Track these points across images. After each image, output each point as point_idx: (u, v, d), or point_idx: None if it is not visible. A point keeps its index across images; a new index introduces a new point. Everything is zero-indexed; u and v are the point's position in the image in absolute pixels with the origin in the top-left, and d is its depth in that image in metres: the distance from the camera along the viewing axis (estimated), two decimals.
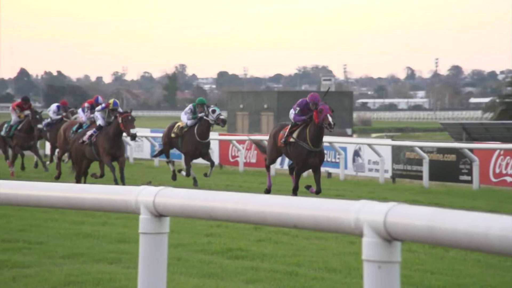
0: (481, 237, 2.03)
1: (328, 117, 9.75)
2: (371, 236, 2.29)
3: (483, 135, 24.01)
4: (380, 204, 2.33)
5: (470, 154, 13.64)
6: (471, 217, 2.10)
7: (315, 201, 2.56)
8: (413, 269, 5.36)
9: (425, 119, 69.40)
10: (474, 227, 2.06)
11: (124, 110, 11.70)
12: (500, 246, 1.99)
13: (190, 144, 12.15)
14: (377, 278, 2.26)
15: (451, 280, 5.00)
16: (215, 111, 12.05)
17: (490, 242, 2.01)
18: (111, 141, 11.49)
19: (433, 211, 2.22)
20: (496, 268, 5.45)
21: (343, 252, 6.12)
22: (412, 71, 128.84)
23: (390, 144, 15.55)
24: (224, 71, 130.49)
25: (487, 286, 4.83)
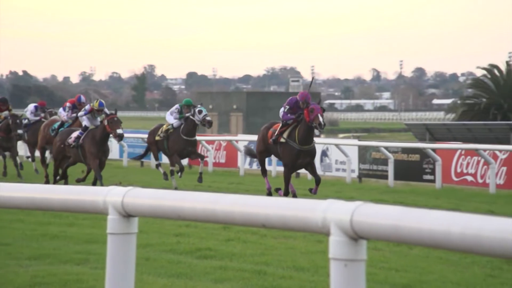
0: (443, 235, 2.06)
1: (319, 117, 9.46)
2: (338, 235, 2.31)
3: (445, 135, 24.42)
4: (347, 203, 2.34)
5: (433, 154, 13.86)
6: (434, 215, 2.13)
7: (283, 200, 2.56)
8: (378, 267, 5.41)
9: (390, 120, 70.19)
10: (436, 226, 2.09)
11: (110, 112, 11.47)
12: (461, 243, 2.02)
13: (176, 143, 11.96)
14: (343, 276, 2.28)
15: (414, 277, 5.06)
16: (201, 112, 11.86)
17: (451, 240, 2.04)
18: (98, 144, 11.27)
19: (398, 210, 2.24)
20: (457, 265, 5.55)
21: (310, 251, 6.15)
22: (378, 72, 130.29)
23: (356, 144, 15.69)
24: (193, 72, 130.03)
25: (448, 282, 4.90)
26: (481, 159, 13.43)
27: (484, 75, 36.65)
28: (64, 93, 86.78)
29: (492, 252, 1.96)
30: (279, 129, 9.97)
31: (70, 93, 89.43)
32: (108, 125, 11.22)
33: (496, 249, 1.94)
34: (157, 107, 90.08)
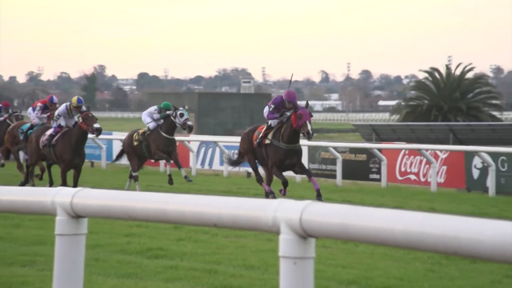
0: (388, 233, 2.09)
1: (307, 125, 9.04)
2: (288, 233, 2.32)
3: (390, 136, 24.92)
4: (296, 202, 2.35)
5: (379, 154, 14.13)
6: (379, 214, 2.16)
7: (235, 200, 2.56)
8: (326, 264, 5.47)
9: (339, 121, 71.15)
10: (381, 224, 2.12)
11: (84, 110, 10.78)
12: (404, 240, 2.06)
13: (157, 141, 11.48)
14: (292, 274, 2.29)
15: (360, 273, 5.14)
16: (183, 115, 11.44)
17: (395, 237, 2.07)
18: (73, 150, 10.62)
19: (345, 209, 2.27)
20: (400, 261, 5.67)
21: (261, 250, 6.17)
22: (327, 74, 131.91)
23: (306, 144, 15.82)
24: (144, 73, 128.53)
25: (391, 278, 4.99)
26: (424, 158, 13.78)
27: (426, 77, 37.61)
28: (11, 93, 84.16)
29: (433, 249, 2.00)
30: (264, 131, 9.63)
31: (16, 93, 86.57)
32: (83, 122, 10.58)
33: (437, 246, 1.98)
34: (107, 107, 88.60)
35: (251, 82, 69.75)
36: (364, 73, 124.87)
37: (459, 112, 34.87)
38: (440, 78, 36.77)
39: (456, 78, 36.10)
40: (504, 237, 1.82)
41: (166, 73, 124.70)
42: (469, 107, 35.12)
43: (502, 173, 12.94)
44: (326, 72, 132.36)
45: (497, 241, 1.83)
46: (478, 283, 4.87)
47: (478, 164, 13.33)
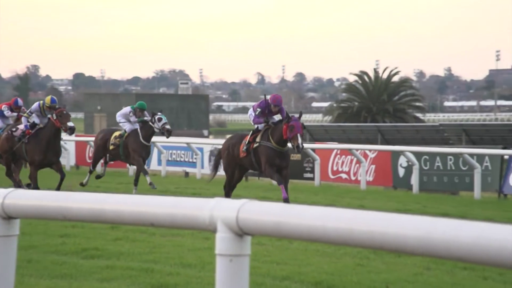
0: (320, 230, 2.13)
1: (298, 138, 8.53)
2: (224, 231, 2.32)
3: (323, 136, 25.36)
4: (233, 201, 2.35)
5: (313, 153, 14.36)
6: (312, 212, 2.20)
7: (172, 199, 2.54)
8: (261, 261, 5.50)
9: None
10: (314, 221, 2.16)
11: (58, 107, 10.42)
12: (335, 237, 2.10)
13: (135, 145, 11.05)
14: (228, 271, 2.29)
15: (293, 269, 5.21)
16: (161, 120, 11.02)
17: (327, 234, 2.11)
18: (45, 149, 10.19)
19: (279, 207, 2.29)
20: (332, 256, 5.78)
21: (198, 248, 6.14)
22: (262, 76, 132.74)
23: None
24: (80, 73, 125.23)
25: (323, 273, 5.08)
26: (354, 158, 14.10)
27: (356, 80, 38.48)
28: None
29: (362, 244, 2.05)
30: (250, 136, 9.18)
31: None
32: (57, 119, 10.17)
33: (365, 241, 2.03)
34: None
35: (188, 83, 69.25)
36: (298, 76, 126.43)
37: (387, 114, 35.86)
38: (369, 81, 37.71)
39: (384, 82, 37.12)
40: (426, 232, 1.89)
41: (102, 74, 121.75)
42: (395, 109, 36.16)
43: (424, 172, 13.35)
44: (262, 74, 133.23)
45: (420, 235, 1.89)
46: (402, 276, 5.03)
47: (403, 163, 13.70)
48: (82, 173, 15.27)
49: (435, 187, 13.34)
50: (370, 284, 4.72)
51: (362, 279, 4.86)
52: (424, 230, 1.88)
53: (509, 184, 12.63)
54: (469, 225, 1.81)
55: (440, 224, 1.86)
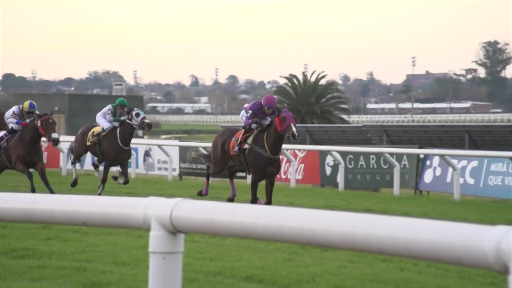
0: (251, 227, 2.15)
1: (291, 127, 8.19)
2: (158, 229, 2.30)
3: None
4: (167, 200, 2.33)
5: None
6: (243, 209, 2.21)
7: (106, 198, 2.49)
8: (194, 257, 5.46)
9: (208, 122, 71.53)
10: (245, 218, 2.17)
11: (43, 113, 9.84)
12: (265, 233, 2.13)
13: (111, 149, 10.35)
14: (161, 268, 2.27)
15: (226, 265, 5.22)
16: (139, 115, 10.33)
17: (258, 231, 2.13)
18: (27, 147, 9.59)
19: (212, 205, 2.29)
20: (263, 252, 5.83)
21: (132, 246, 6.03)
22: (196, 78, 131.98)
23: (177, 145, 15.79)
24: (10, 73, 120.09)
25: (254, 268, 5.12)
26: (284, 157, 14.30)
27: (286, 83, 39.05)
28: None
29: (291, 240, 2.09)
30: (242, 135, 8.64)
31: None
32: (42, 127, 9.57)
33: (294, 237, 2.07)
34: None
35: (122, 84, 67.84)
36: (231, 78, 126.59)
37: (314, 115, 36.53)
38: (298, 84, 38.32)
39: (311, 85, 37.83)
40: (349, 227, 1.94)
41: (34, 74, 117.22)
42: (322, 111, 36.90)
43: (349, 170, 13.73)
44: (196, 76, 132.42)
45: (344, 231, 1.94)
46: (328, 269, 5.14)
47: (330, 162, 14.01)
48: (14, 174, 14.62)
49: (359, 185, 13.73)
50: (298, 278, 4.79)
51: (290, 273, 4.93)
52: (348, 226, 1.93)
53: (424, 181, 13.13)
54: (388, 220, 1.87)
55: (362, 220, 1.92)
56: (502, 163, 11.81)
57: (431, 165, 13.15)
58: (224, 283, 4.68)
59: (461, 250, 1.69)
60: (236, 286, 4.61)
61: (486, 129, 21.42)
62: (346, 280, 4.71)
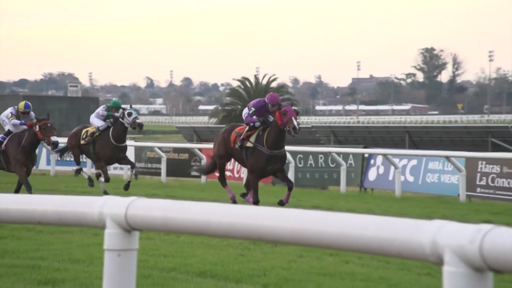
0: (205, 224, 2.15)
1: (292, 121, 7.72)
2: (113, 227, 2.27)
3: (209, 137, 25.46)
4: (122, 198, 2.31)
5: (199, 153, 14.41)
6: (197, 207, 2.21)
7: (60, 197, 2.44)
8: (149, 254, 5.41)
9: (163, 123, 70.85)
10: (199, 216, 2.17)
11: (42, 117, 9.41)
12: (219, 230, 2.13)
13: (105, 148, 10.10)
14: (116, 265, 2.24)
15: (180, 261, 5.19)
16: (131, 114, 10.10)
17: (211, 227, 2.13)
18: (26, 152, 9.22)
19: (167, 203, 2.27)
20: (216, 248, 5.82)
21: (87, 244, 5.91)
22: (151, 80, 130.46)
23: (133, 145, 15.58)
24: None
25: (207, 263, 5.11)
26: None
27: (238, 85, 39.19)
28: None
29: (243, 236, 2.09)
30: (245, 132, 8.15)
31: None
32: (40, 131, 9.20)
33: (246, 234, 2.07)
34: None
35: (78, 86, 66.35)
36: (186, 80, 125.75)
37: None
38: (250, 87, 38.51)
39: (263, 87, 38.09)
40: (299, 223, 1.96)
41: None
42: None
43: (299, 169, 13.88)
44: (151, 78, 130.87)
45: (294, 227, 1.97)
46: (278, 263, 5.17)
47: None
48: None
49: (308, 183, 13.89)
50: (250, 272, 4.81)
51: (242, 268, 4.94)
52: (298, 222, 1.95)
53: (369, 179, 13.44)
54: (335, 217, 1.91)
55: (310, 216, 1.94)
56: (438, 162, 12.18)
57: (375, 164, 13.45)
58: (178, 279, 4.65)
59: (401, 244, 1.73)
60: (189, 281, 4.59)
61: (424, 130, 22.04)
62: (295, 273, 4.76)
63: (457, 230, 1.65)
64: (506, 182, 11.12)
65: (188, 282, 4.54)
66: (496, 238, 1.58)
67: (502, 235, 1.57)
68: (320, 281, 4.49)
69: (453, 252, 1.63)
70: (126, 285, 2.23)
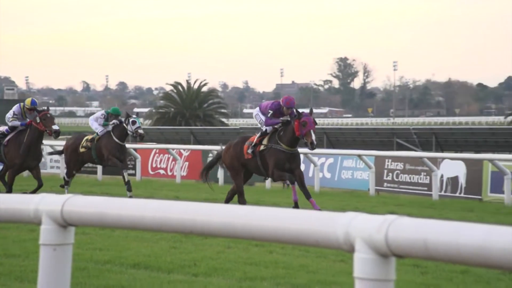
0: (139, 219, 2.12)
1: (311, 134, 7.11)
2: (48, 223, 2.20)
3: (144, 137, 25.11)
4: (59, 196, 2.25)
5: (134, 153, 14.18)
6: (132, 203, 2.18)
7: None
8: (85, 248, 5.27)
9: None
10: (134, 211, 2.14)
11: (41, 109, 8.89)
12: (152, 224, 2.10)
13: (109, 146, 9.53)
14: (51, 259, 2.18)
15: (115, 254, 5.09)
16: (135, 123, 9.64)
17: (145, 222, 2.11)
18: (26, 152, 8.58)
19: (102, 200, 2.23)
20: (149, 241, 5.75)
21: (23, 239, 5.64)
22: (88, 84, 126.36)
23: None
24: None
25: (141, 255, 5.02)
26: (170, 156, 14.27)
27: (171, 90, 38.92)
28: None
29: (175, 230, 2.08)
30: (258, 138, 7.64)
31: None
32: (41, 123, 8.62)
33: (178, 227, 2.06)
34: None
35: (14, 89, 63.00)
36: (121, 84, 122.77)
37: (198, 119, 36.64)
38: (182, 91, 38.37)
39: (195, 91, 38.10)
40: (228, 217, 1.98)
41: None
42: (205, 115, 37.11)
43: None
44: (87, 82, 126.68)
45: (222, 221, 1.97)
46: (208, 254, 5.17)
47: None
48: None
49: None
50: (181, 263, 4.78)
51: (174, 259, 4.90)
52: (226, 216, 1.96)
53: None
54: (260, 211, 1.93)
55: (238, 211, 1.96)
56: (352, 160, 12.64)
57: None
58: (112, 271, 4.55)
59: (318, 235, 1.78)
60: (124, 272, 4.49)
61: (340, 131, 22.77)
62: (223, 263, 4.77)
63: (366, 221, 1.72)
64: (408, 177, 11.70)
65: (123, 274, 4.45)
66: (398, 227, 1.66)
67: (403, 225, 1.65)
68: (246, 270, 4.53)
69: (363, 241, 1.69)
70: (61, 277, 2.17)
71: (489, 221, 7.34)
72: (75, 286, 3.91)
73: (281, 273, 4.46)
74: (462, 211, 8.87)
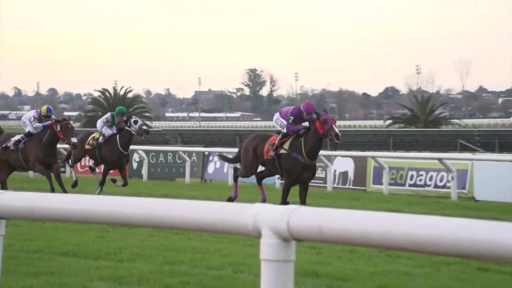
0: (68, 211, 2.03)
1: (334, 128, 6.63)
2: None
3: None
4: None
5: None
6: (60, 197, 2.08)
7: None
8: (16, 239, 4.95)
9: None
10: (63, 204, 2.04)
11: (63, 118, 8.39)
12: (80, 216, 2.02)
13: (111, 154, 8.91)
14: None
15: (44, 244, 4.85)
16: (137, 122, 9.01)
17: (73, 214, 2.02)
18: (45, 149, 7.95)
19: (32, 195, 2.13)
20: (78, 231, 5.49)
21: None
22: (19, 90, 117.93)
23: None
24: None
25: (70, 245, 4.79)
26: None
27: (99, 95, 37.99)
28: None
29: (102, 221, 2.01)
30: (279, 140, 6.90)
31: None
32: (61, 131, 7.83)
33: (104, 219, 2.00)
34: None
35: None
36: (51, 90, 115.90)
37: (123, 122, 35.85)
38: (109, 96, 37.64)
39: (121, 97, 37.58)
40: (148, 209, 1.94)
41: None
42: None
43: (152, 164, 14.10)
44: (19, 88, 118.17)
45: (145, 212, 1.94)
46: (132, 242, 5.03)
47: (136, 158, 14.10)
48: None
49: (159, 176, 14.10)
50: (107, 251, 4.62)
51: (101, 247, 4.72)
52: (148, 208, 1.93)
53: (208, 172, 14.04)
54: (179, 203, 1.92)
55: (159, 203, 1.94)
56: None
57: (213, 160, 13.99)
58: (42, 259, 4.30)
59: (231, 224, 1.81)
60: (53, 260, 4.26)
61: (251, 132, 23.27)
62: (146, 250, 4.67)
63: (272, 211, 1.77)
64: None
65: (52, 261, 4.21)
66: (298, 216, 1.73)
67: (302, 213, 1.73)
68: (166, 255, 4.47)
69: (269, 228, 1.74)
70: None
71: (371, 208, 7.73)
72: (6, 273, 3.63)
73: (198, 257, 4.45)
74: (350, 200, 9.28)
